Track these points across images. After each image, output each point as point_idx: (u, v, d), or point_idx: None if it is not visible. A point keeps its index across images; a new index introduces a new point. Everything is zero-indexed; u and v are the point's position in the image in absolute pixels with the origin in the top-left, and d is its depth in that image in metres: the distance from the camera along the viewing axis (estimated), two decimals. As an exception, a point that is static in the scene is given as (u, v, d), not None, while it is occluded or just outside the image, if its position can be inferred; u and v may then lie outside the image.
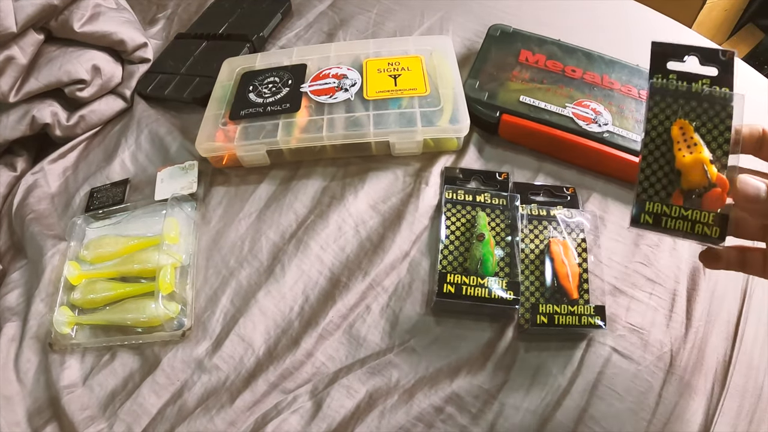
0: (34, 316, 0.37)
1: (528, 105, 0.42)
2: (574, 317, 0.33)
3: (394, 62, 0.45)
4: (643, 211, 0.25)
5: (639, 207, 0.26)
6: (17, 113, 0.45)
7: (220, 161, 0.44)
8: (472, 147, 0.43)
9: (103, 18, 0.48)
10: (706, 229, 0.24)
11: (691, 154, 0.25)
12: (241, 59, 0.49)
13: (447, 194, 0.39)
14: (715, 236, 0.24)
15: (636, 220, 0.26)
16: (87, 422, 0.33)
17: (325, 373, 0.34)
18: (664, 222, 0.25)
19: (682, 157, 0.25)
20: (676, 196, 0.25)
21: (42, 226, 0.42)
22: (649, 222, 0.25)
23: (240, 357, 0.34)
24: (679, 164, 0.25)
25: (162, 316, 0.35)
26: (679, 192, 0.25)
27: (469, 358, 0.33)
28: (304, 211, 0.41)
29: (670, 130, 0.26)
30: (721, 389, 0.32)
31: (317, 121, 0.41)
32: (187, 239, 0.40)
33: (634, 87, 0.44)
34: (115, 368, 0.35)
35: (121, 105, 0.50)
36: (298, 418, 0.32)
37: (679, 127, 0.25)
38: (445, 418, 0.31)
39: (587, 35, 0.50)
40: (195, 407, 0.33)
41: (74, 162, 0.48)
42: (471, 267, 0.35)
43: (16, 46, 0.43)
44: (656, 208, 0.25)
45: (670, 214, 0.25)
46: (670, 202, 0.25)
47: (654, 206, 0.25)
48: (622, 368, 0.33)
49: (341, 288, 0.36)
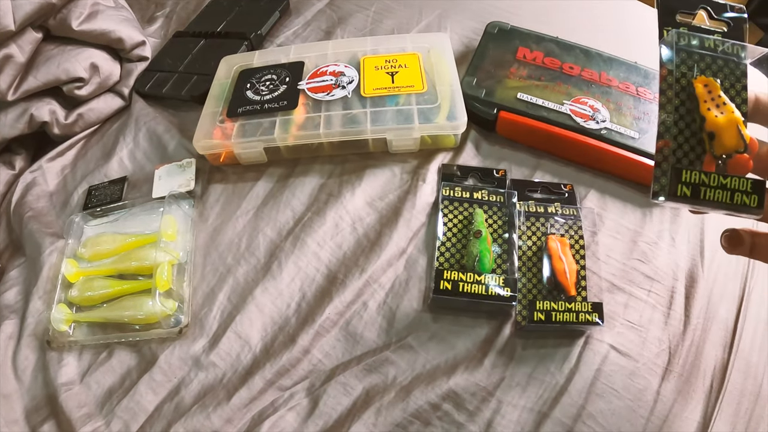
0: (32, 314, 0.37)
1: (526, 102, 0.42)
2: (572, 314, 0.32)
3: (391, 59, 0.45)
4: (680, 182, 0.21)
5: (675, 177, 0.22)
6: (15, 112, 0.45)
7: (218, 159, 0.44)
8: (469, 144, 0.43)
9: (102, 16, 0.48)
10: (745, 198, 0.21)
11: (723, 114, 0.22)
12: (238, 57, 0.49)
13: (444, 191, 0.39)
14: (754, 205, 0.21)
15: (672, 192, 0.22)
16: (84, 420, 0.33)
17: (321, 370, 0.33)
18: (702, 193, 0.22)
19: (714, 118, 0.22)
20: (707, 162, 0.22)
21: (40, 224, 0.42)
22: (687, 194, 0.22)
23: (237, 354, 0.34)
24: (712, 125, 0.22)
25: (159, 314, 0.35)
26: (710, 157, 0.22)
27: (466, 355, 0.33)
28: (302, 209, 0.41)
29: (694, 87, 0.22)
30: (720, 387, 0.32)
31: (314, 118, 0.41)
32: (185, 236, 0.40)
33: (632, 84, 0.44)
34: (112, 365, 0.35)
35: (119, 103, 0.50)
36: (294, 416, 0.32)
37: (704, 85, 0.22)
38: (442, 415, 0.31)
39: (585, 32, 0.50)
40: (192, 404, 0.33)
41: (72, 160, 0.48)
42: (468, 264, 0.35)
43: (15, 44, 0.43)
44: (694, 178, 0.22)
45: (709, 183, 0.22)
46: (703, 169, 0.22)
47: (692, 175, 0.22)
48: (620, 366, 0.33)
49: (338, 285, 0.36)
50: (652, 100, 0.43)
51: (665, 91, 0.23)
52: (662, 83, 0.23)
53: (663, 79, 0.23)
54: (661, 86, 0.23)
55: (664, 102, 0.23)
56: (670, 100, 0.23)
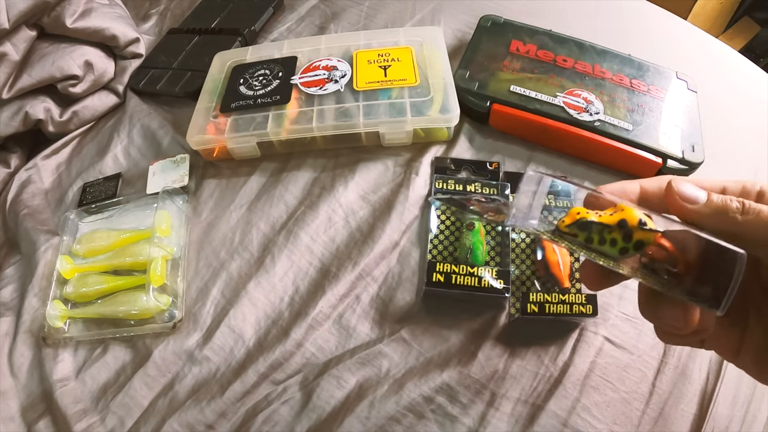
0: (28, 311, 0.37)
1: (518, 94, 0.42)
2: (566, 306, 0.32)
3: (384, 53, 0.45)
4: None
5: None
6: (10, 110, 0.46)
7: (211, 154, 0.44)
8: (462, 137, 0.43)
9: (96, 14, 0.48)
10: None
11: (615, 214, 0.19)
12: (232, 53, 0.49)
13: (437, 184, 0.39)
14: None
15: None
16: (80, 415, 0.33)
17: (314, 364, 0.33)
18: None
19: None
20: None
21: (35, 222, 0.42)
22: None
23: (230, 348, 0.34)
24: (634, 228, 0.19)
25: (153, 309, 0.35)
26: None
27: (460, 348, 0.33)
28: (295, 203, 0.41)
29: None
30: (716, 377, 0.32)
31: (307, 112, 0.41)
32: (179, 232, 0.40)
33: (626, 76, 0.44)
34: (107, 361, 0.35)
35: (113, 100, 0.50)
36: (288, 409, 0.32)
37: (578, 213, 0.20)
38: (436, 408, 0.31)
39: (579, 25, 0.49)
40: (186, 399, 0.33)
41: (67, 157, 0.48)
42: (461, 256, 0.35)
43: (9, 42, 0.43)
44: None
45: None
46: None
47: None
48: (615, 357, 0.32)
49: (331, 278, 0.36)
50: (645, 92, 0.43)
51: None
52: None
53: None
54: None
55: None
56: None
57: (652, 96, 0.43)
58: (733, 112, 0.45)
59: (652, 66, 0.45)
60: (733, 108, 0.46)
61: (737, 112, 0.46)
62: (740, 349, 0.21)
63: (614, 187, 0.21)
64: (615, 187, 0.21)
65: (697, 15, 0.92)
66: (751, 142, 0.44)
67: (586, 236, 0.20)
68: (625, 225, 0.19)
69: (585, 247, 0.20)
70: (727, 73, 0.49)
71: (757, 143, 0.44)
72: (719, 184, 0.20)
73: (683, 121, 0.41)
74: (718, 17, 1.02)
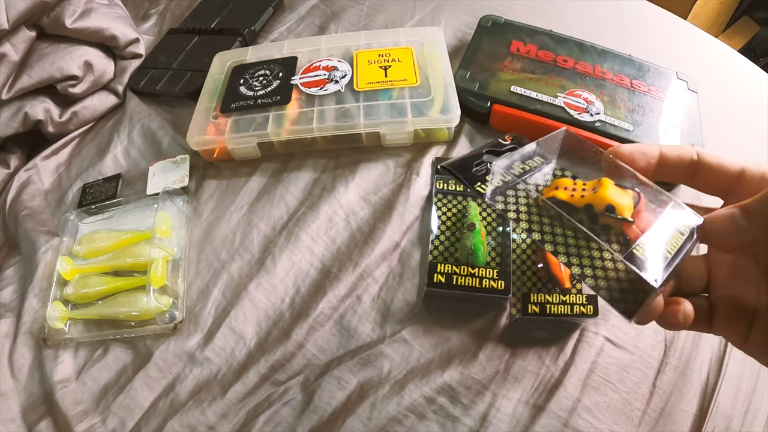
0: (28, 312, 0.37)
1: (519, 95, 0.42)
2: (566, 306, 0.32)
3: (384, 54, 0.45)
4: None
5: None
6: (10, 110, 0.45)
7: (212, 154, 0.44)
8: (463, 137, 0.43)
9: (95, 14, 0.48)
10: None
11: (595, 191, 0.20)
12: (232, 53, 0.49)
13: (438, 184, 0.39)
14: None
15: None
16: (80, 416, 0.33)
17: (316, 365, 0.33)
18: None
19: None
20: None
21: (35, 223, 0.42)
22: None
23: (231, 349, 0.34)
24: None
25: (154, 310, 0.35)
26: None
27: (461, 349, 0.33)
28: (295, 203, 0.41)
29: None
30: (717, 376, 0.32)
31: (308, 112, 0.41)
32: (179, 233, 0.40)
33: (627, 76, 0.44)
34: (108, 362, 0.35)
35: (113, 101, 0.50)
36: (289, 410, 0.32)
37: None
38: (437, 408, 0.31)
39: (580, 25, 0.49)
40: (187, 400, 0.33)
41: (67, 158, 0.48)
42: (462, 257, 0.35)
43: (8, 43, 0.43)
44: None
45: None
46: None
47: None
48: (616, 358, 0.32)
49: (332, 279, 0.36)
50: (646, 92, 0.43)
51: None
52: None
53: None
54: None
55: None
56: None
57: (652, 96, 0.43)
58: (733, 112, 0.46)
59: (653, 66, 0.45)
60: (733, 107, 0.46)
61: (737, 111, 0.46)
62: (748, 336, 0.21)
63: (633, 147, 0.21)
64: (634, 148, 0.21)
65: (697, 15, 0.92)
66: (751, 141, 0.44)
67: (556, 212, 0.21)
68: (591, 209, 0.20)
69: (559, 221, 0.21)
70: (726, 73, 0.49)
71: (757, 142, 0.44)
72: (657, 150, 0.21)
73: (683, 121, 0.41)
74: (717, 17, 1.02)
